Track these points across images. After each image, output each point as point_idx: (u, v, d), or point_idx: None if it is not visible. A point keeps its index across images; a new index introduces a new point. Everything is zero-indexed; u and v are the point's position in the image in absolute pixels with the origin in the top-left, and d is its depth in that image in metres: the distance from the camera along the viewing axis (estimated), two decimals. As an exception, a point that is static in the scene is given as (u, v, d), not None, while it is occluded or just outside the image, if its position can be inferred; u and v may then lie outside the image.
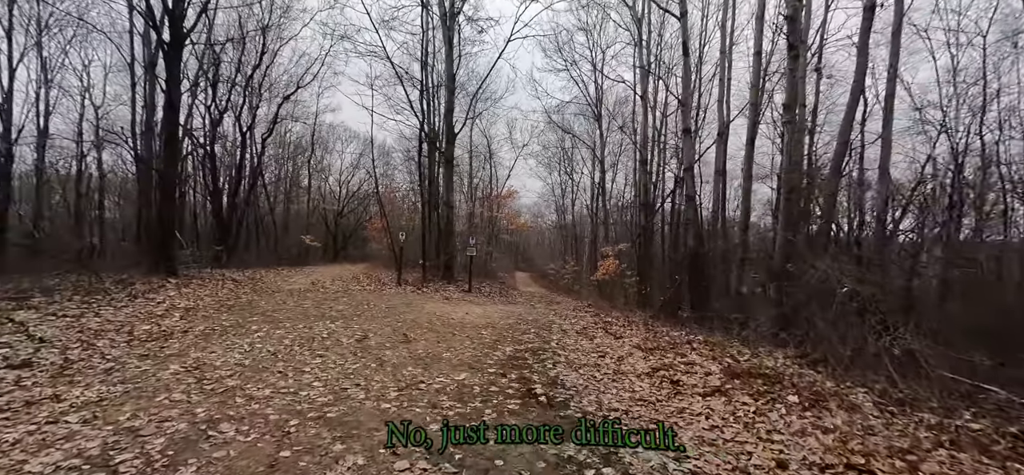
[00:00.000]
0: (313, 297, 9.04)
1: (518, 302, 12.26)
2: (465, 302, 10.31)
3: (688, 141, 13.15)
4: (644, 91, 16.47)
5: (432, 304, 9.14)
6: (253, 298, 8.52)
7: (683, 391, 4.00)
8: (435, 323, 6.82)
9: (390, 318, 7.02)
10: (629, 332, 7.16)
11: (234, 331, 5.58)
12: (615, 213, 26.13)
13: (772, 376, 4.24)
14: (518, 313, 8.95)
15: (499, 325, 7.10)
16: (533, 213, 39.36)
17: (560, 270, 26.78)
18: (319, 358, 4.44)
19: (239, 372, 3.89)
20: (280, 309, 7.41)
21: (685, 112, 13.28)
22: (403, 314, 7.50)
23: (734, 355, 5.16)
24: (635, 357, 5.30)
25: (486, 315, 8.16)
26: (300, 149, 27.63)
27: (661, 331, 7.53)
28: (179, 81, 10.43)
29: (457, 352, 5.04)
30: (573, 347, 5.79)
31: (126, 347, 4.69)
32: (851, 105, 9.09)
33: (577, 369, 4.64)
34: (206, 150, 16.12)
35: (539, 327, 7.24)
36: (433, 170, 15.93)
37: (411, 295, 10.63)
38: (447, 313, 7.95)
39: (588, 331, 7.22)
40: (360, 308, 7.91)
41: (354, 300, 8.93)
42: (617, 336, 6.74)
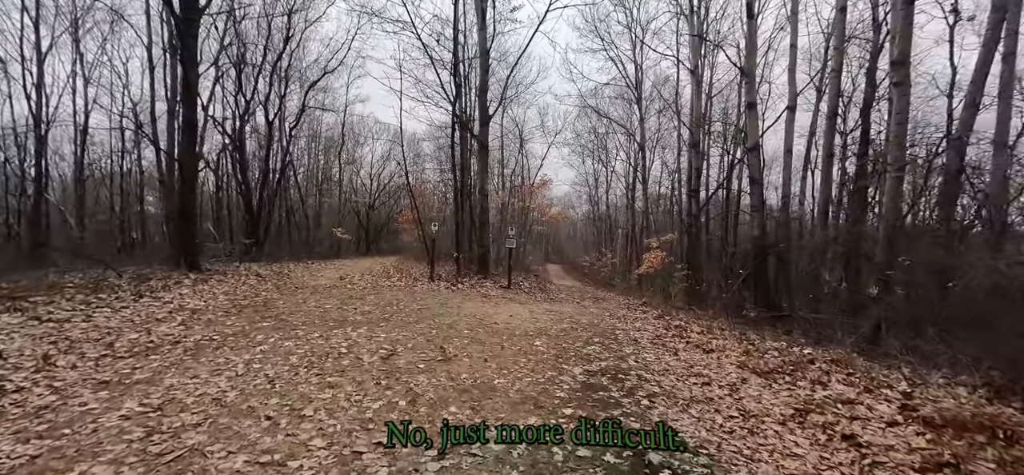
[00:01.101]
0: (338, 295, 7.92)
1: (562, 300, 10.84)
2: (506, 301, 8.99)
3: (752, 117, 11.33)
4: (696, 65, 14.63)
5: (470, 303, 7.85)
6: (272, 296, 7.46)
7: (876, 457, 2.51)
8: (477, 330, 5.51)
9: (423, 323, 5.76)
10: (716, 341, 5.64)
11: (234, 342, 4.42)
12: (653, 202, 24.24)
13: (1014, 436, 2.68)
14: (569, 314, 7.55)
15: (552, 332, 5.72)
16: (564, 204, 37.69)
17: (596, 262, 25.16)
18: (329, 390, 3.17)
19: (212, 418, 2.66)
20: (298, 310, 6.27)
21: (749, 84, 11.46)
22: (438, 317, 6.23)
23: (906, 390, 3.59)
24: (752, 385, 3.82)
25: (533, 318, 6.80)
26: (331, 142, 26.99)
27: (750, 339, 5.97)
28: (196, 60, 9.47)
29: (512, 377, 3.70)
30: (659, 367, 4.35)
31: (91, 368, 3.58)
32: (983, 61, 7.15)
33: (686, 408, 3.21)
34: (234, 140, 15.39)
35: (601, 335, 5.82)
36: (465, 157, 14.64)
37: (445, 292, 9.39)
38: (489, 315, 6.64)
39: (664, 340, 5.75)
40: (388, 309, 6.69)
41: (382, 299, 7.74)
42: (705, 348, 5.24)
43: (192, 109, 9.45)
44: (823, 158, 10.52)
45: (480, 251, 12.98)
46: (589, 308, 9.25)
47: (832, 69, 10.29)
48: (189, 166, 9.52)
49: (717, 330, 6.83)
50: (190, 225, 9.57)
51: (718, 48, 13.59)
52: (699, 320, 7.98)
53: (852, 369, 4.29)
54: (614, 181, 29.70)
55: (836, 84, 10.25)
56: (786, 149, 11.43)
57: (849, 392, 3.58)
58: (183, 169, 9.54)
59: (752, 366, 4.35)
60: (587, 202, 33.75)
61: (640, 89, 20.17)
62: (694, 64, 14.61)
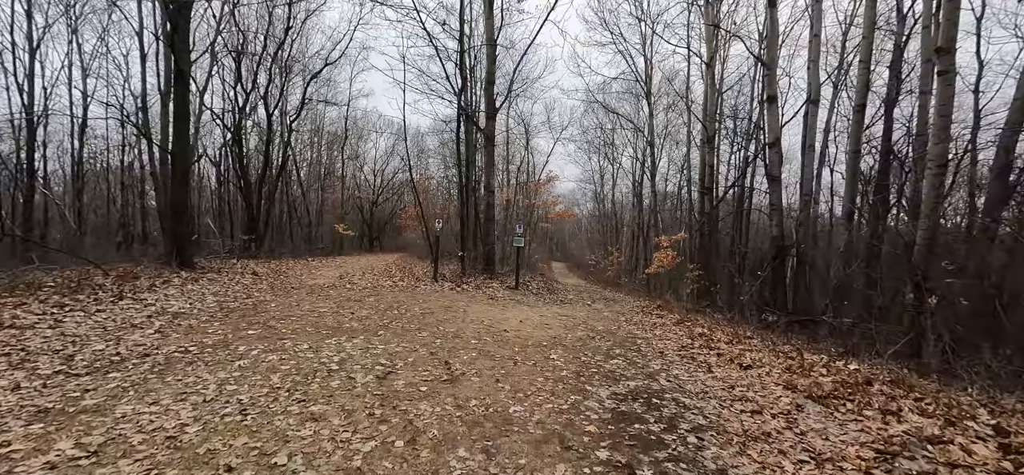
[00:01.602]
0: (335, 297, 7.36)
1: (572, 302, 10.25)
2: (514, 303, 8.41)
3: (773, 110, 10.69)
4: (711, 58, 13.96)
5: (476, 306, 7.28)
6: (265, 298, 6.92)
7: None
8: (485, 339, 4.93)
9: (426, 331, 5.19)
10: (750, 354, 5.04)
11: (211, 356, 3.86)
12: (661, 200, 23.58)
13: None
14: (582, 320, 6.97)
15: (568, 342, 5.14)
16: (569, 201, 37.05)
17: (601, 261, 24.54)
18: (311, 424, 2.60)
19: (159, 470, 2.10)
20: (289, 314, 5.71)
21: (770, 76, 10.80)
22: (442, 324, 5.66)
23: (993, 422, 2.99)
24: (811, 414, 3.22)
25: (545, 323, 6.22)
26: (335, 137, 26.44)
27: (786, 352, 5.37)
28: (188, 46, 8.91)
29: (529, 403, 3.12)
30: (695, 388, 3.76)
31: (36, 389, 3.02)
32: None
33: (743, 448, 2.62)
34: (232, 133, 14.84)
35: (622, 345, 5.24)
36: (471, 152, 14.04)
37: (450, 293, 8.82)
38: (497, 321, 6.07)
39: (692, 352, 5.16)
40: (388, 314, 6.13)
41: (382, 301, 7.18)
42: (740, 363, 4.65)
43: (184, 99, 8.89)
44: (849, 154, 9.85)
45: (485, 249, 12.40)
46: (602, 311, 8.66)
47: (860, 60, 9.63)
48: (181, 159, 8.96)
49: (745, 339, 6.24)
50: (182, 221, 9.03)
51: (735, 38, 12.91)
52: (721, 327, 7.38)
53: (920, 393, 3.69)
54: (620, 178, 29.07)
55: (864, 76, 9.58)
56: (808, 145, 10.76)
57: (930, 426, 2.98)
58: (175, 162, 8.99)
59: (803, 388, 3.76)
60: (593, 200, 33.14)
61: (649, 83, 19.52)
62: (709, 56, 13.96)
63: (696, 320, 7.78)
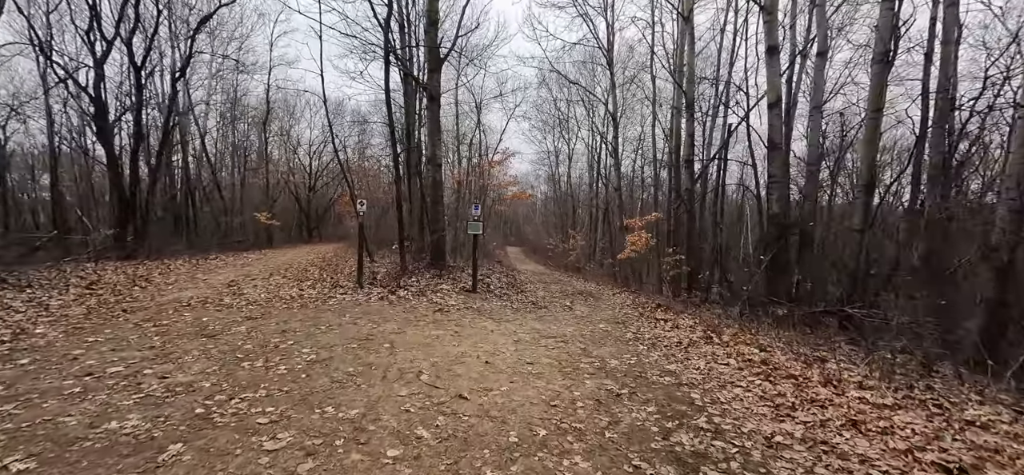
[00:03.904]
0: (168, 331, 4.32)
1: (548, 305, 7.65)
2: (472, 316, 5.74)
3: (773, 64, 8.65)
4: (690, 9, 11.81)
5: (413, 333, 4.54)
6: (68, 338, 3.76)
7: None
8: (419, 434, 2.26)
9: (292, 428, 2.42)
10: (834, 395, 2.76)
11: None
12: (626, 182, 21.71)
13: None
14: (579, 345, 4.46)
15: (582, 417, 2.60)
16: (523, 183, 34.58)
17: (560, 245, 22.35)
18: None
19: None
20: (67, 386, 2.70)
21: (770, 23, 8.74)
22: (340, 392, 2.91)
23: None
24: None
25: (525, 361, 3.65)
26: (259, 114, 21.89)
27: (828, 370, 3.17)
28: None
29: None
30: None
31: None
32: None
33: None
34: (91, 95, 10.73)
35: (674, 412, 2.78)
36: (410, 120, 11.03)
37: (377, 306, 5.99)
38: (446, 369, 3.40)
39: (782, 404, 2.79)
40: (238, 374, 3.24)
41: (261, 334, 4.25)
42: (862, 430, 2.32)
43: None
44: (869, 114, 8.02)
45: (433, 238, 9.57)
46: (591, 319, 6.20)
47: (883, 4, 7.73)
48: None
49: (792, 356, 4.01)
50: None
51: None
52: (748, 330, 5.17)
53: None
54: (576, 159, 27.00)
55: (888, 18, 7.69)
56: (814, 106, 8.88)
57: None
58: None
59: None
60: (547, 182, 30.91)
61: (612, 51, 17.22)
62: (688, 7, 11.78)
63: (721, 325, 5.52)
